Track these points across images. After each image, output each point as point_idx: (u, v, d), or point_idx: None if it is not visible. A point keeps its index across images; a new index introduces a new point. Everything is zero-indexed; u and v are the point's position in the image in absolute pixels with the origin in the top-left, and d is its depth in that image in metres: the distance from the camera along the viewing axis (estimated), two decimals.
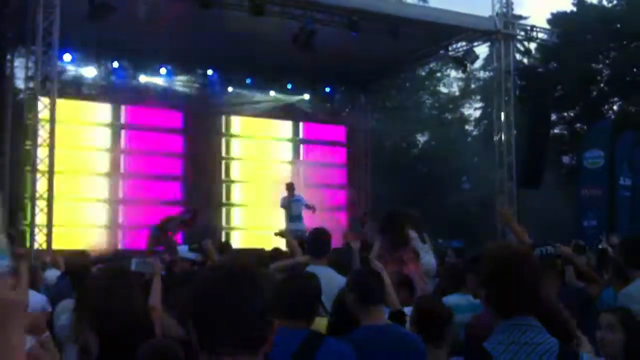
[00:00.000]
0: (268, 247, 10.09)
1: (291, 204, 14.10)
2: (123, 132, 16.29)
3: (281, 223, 14.07)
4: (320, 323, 4.17)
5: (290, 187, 14.43)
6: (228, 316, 1.68)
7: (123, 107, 16.35)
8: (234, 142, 18.01)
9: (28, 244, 11.86)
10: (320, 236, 5.67)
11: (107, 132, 16.13)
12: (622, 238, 6.57)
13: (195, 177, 16.70)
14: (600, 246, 9.14)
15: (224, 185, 17.64)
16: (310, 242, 5.75)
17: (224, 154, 17.79)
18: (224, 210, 17.59)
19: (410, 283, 5.32)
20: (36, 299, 5.42)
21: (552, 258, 4.58)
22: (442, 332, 3.98)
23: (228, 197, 17.69)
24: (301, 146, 18.83)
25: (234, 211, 17.69)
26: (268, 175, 17.45)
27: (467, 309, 4.88)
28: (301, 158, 18.60)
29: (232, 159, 17.90)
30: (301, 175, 17.16)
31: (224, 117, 17.79)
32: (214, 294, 1.72)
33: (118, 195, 15.90)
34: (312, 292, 3.36)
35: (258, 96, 17.79)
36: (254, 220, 17.19)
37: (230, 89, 17.37)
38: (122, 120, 16.35)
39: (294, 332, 3.15)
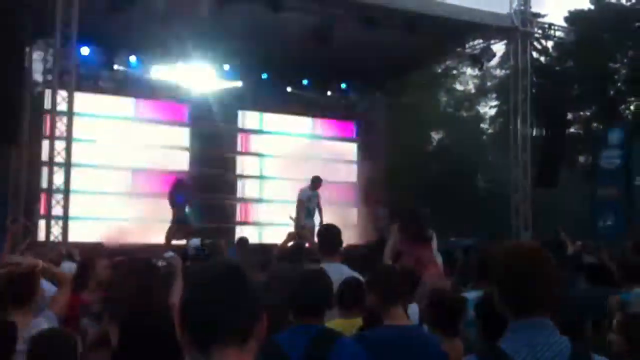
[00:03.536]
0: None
1: (312, 198, 13.97)
2: (138, 125, 16.35)
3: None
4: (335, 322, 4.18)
5: (317, 181, 14.27)
6: (224, 310, 1.72)
7: (139, 101, 16.41)
8: (248, 138, 18.04)
9: (44, 236, 11.98)
10: (331, 233, 5.66)
11: (123, 126, 16.20)
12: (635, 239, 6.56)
13: (209, 171, 16.76)
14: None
15: (238, 181, 17.70)
16: (322, 239, 5.73)
17: (238, 149, 17.83)
18: (238, 205, 17.65)
19: (415, 281, 5.31)
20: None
21: None
22: (454, 321, 4.01)
23: (242, 192, 17.73)
24: (315, 142, 18.83)
25: (248, 206, 17.73)
26: (281, 171, 17.50)
27: None
28: (315, 153, 18.61)
29: (246, 154, 17.94)
30: (315, 170, 17.15)
31: (239, 112, 17.83)
32: (209, 290, 1.75)
33: (131, 188, 15.97)
34: (323, 288, 3.37)
35: (274, 91, 17.80)
36: (268, 216, 17.20)
37: (245, 84, 17.39)
38: (138, 113, 16.42)
39: (305, 328, 3.18)
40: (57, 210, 11.93)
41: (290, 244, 6.82)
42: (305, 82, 18.12)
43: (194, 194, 14.53)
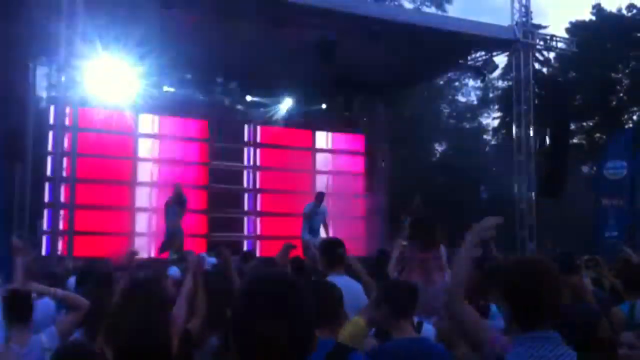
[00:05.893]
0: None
1: (317, 215, 13.92)
2: (142, 140, 16.39)
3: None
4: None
5: (320, 197, 14.25)
6: (281, 325, 1.68)
7: (142, 116, 16.43)
8: (254, 151, 18.10)
9: (50, 251, 12.01)
10: (335, 245, 5.70)
11: (127, 141, 16.23)
12: None
13: (218, 185, 16.83)
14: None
15: (246, 195, 17.74)
16: (325, 252, 5.75)
17: (245, 162, 17.88)
18: (246, 219, 17.68)
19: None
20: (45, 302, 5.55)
21: None
22: None
23: (249, 205, 17.77)
24: (319, 155, 18.85)
25: (257, 220, 17.76)
26: (286, 185, 17.53)
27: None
28: (318, 167, 18.64)
29: (253, 167, 17.99)
30: (319, 184, 17.18)
31: (246, 127, 17.88)
32: (269, 305, 1.71)
33: (135, 203, 16.00)
34: (333, 300, 3.38)
35: (277, 105, 17.85)
36: (276, 230, 17.19)
37: (249, 98, 17.43)
38: (141, 128, 16.44)
39: (323, 343, 3.17)
40: (62, 226, 11.96)
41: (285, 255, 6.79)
42: (307, 95, 18.13)
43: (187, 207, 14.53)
